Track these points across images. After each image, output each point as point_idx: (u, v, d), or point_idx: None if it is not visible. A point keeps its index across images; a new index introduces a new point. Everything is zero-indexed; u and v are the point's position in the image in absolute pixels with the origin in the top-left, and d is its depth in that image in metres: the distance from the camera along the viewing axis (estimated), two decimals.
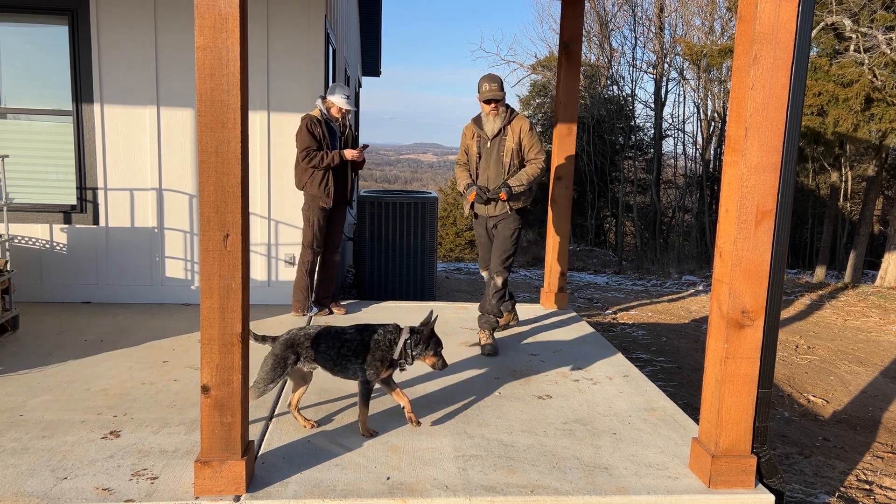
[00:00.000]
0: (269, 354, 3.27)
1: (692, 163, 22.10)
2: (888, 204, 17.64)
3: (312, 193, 5.30)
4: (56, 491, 2.69)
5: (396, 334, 3.34)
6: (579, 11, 5.87)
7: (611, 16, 22.08)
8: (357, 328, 3.35)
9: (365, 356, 3.28)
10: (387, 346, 3.31)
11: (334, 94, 5.25)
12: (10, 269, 4.91)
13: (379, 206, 7.58)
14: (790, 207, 2.85)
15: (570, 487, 2.87)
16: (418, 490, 2.80)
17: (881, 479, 3.88)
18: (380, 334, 3.32)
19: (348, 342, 3.30)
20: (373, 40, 13.88)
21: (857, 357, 6.44)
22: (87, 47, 5.59)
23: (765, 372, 2.91)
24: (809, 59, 5.32)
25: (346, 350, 3.28)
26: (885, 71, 10.75)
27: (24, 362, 4.23)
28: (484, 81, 4.60)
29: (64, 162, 5.79)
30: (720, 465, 2.90)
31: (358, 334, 3.31)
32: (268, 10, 5.69)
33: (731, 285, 2.80)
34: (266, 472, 2.91)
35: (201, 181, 2.58)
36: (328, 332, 3.34)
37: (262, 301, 5.92)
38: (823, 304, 9.01)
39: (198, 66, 2.52)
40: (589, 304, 8.78)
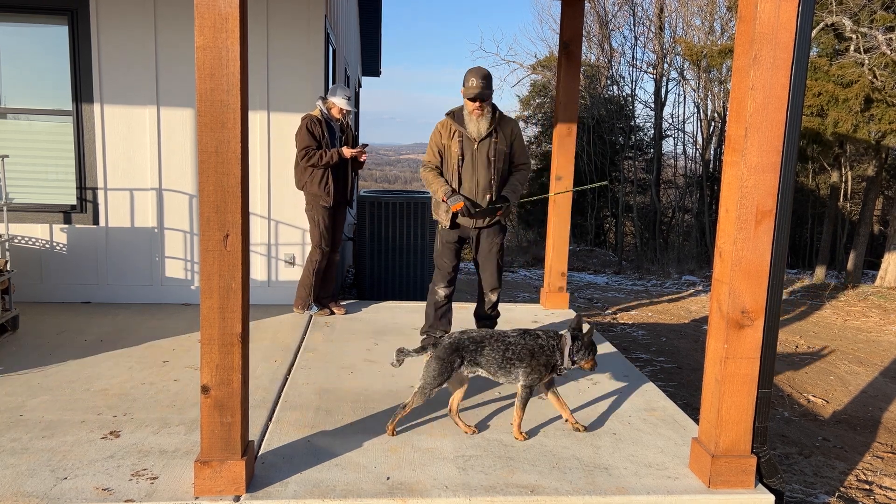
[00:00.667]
0: (433, 359, 3.29)
1: (692, 163, 22.09)
2: (888, 204, 17.64)
3: (313, 192, 5.31)
4: (56, 491, 2.69)
5: (558, 340, 3.39)
6: (579, 11, 5.86)
7: (611, 16, 22.08)
8: (519, 333, 3.40)
9: (529, 361, 3.32)
10: (550, 352, 3.35)
11: (335, 94, 5.27)
12: (10, 269, 4.91)
13: (379, 206, 7.58)
14: (790, 207, 2.85)
15: (570, 487, 2.87)
16: (418, 490, 2.80)
17: (881, 479, 3.88)
18: (544, 340, 3.37)
19: (513, 346, 3.33)
20: (373, 40, 13.87)
21: (857, 357, 6.44)
22: (86, 47, 5.58)
23: (765, 372, 2.91)
24: (809, 59, 5.32)
25: (510, 354, 3.32)
26: (885, 71, 10.75)
27: (24, 362, 4.23)
28: (472, 76, 4.09)
29: (64, 162, 5.79)
30: (720, 465, 2.90)
31: (521, 339, 3.36)
32: (268, 10, 5.69)
33: (731, 285, 2.80)
34: (266, 472, 2.91)
35: (201, 181, 2.58)
36: (492, 336, 3.39)
37: (262, 301, 5.92)
38: (823, 304, 9.01)
39: (198, 66, 2.52)
40: (589, 304, 8.78)
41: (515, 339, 3.35)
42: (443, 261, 4.44)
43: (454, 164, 4.23)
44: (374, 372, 4.27)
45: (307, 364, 4.38)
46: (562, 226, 6.05)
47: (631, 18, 23.01)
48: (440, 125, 4.28)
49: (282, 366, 4.32)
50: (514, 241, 22.14)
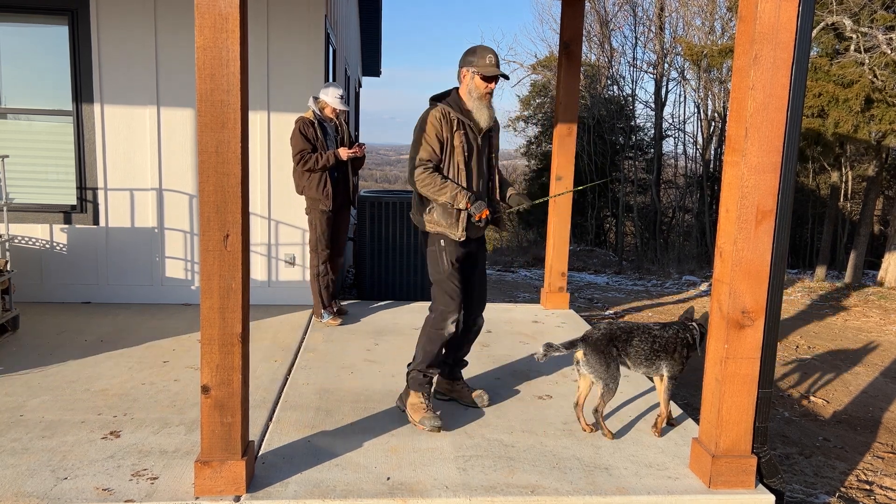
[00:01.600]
0: (594, 353, 3.36)
1: (692, 163, 22.09)
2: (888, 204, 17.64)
3: (312, 197, 5.15)
4: (56, 491, 2.69)
5: (690, 331, 3.50)
6: (579, 11, 5.86)
7: (611, 16, 22.08)
8: (660, 326, 3.50)
9: (673, 353, 3.40)
10: (686, 343, 3.45)
11: (327, 94, 5.11)
12: (10, 269, 4.91)
13: (379, 206, 7.58)
14: (790, 207, 2.85)
15: (570, 488, 2.87)
16: (418, 490, 2.80)
17: (881, 479, 3.88)
18: (683, 332, 3.48)
19: (659, 339, 3.41)
20: (373, 40, 13.88)
21: (857, 357, 6.44)
22: (87, 47, 5.58)
23: (765, 372, 2.91)
24: (810, 59, 5.32)
25: (658, 347, 3.39)
26: (885, 71, 10.74)
27: (24, 362, 4.23)
28: (486, 52, 3.41)
29: (64, 162, 5.79)
30: (720, 465, 2.90)
31: (665, 332, 3.45)
32: (268, 11, 5.69)
33: (732, 285, 2.80)
34: (266, 472, 2.91)
35: (201, 181, 2.58)
36: (639, 329, 3.47)
37: (262, 301, 5.92)
38: (823, 304, 9.00)
39: (198, 67, 2.52)
40: (589, 305, 8.78)
41: (660, 332, 3.45)
42: (453, 284, 3.49)
43: (460, 162, 3.45)
44: (374, 372, 4.27)
45: (307, 364, 4.38)
46: (562, 226, 6.05)
47: (631, 18, 23.03)
48: (438, 114, 3.40)
49: (282, 366, 4.32)
50: (514, 241, 22.15)
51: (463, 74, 3.47)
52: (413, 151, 3.45)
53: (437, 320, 3.48)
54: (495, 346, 4.94)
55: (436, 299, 3.52)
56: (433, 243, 3.53)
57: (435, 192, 3.39)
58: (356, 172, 5.65)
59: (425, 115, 3.44)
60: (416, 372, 3.50)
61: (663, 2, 20.71)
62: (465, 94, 3.48)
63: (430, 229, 3.52)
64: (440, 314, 3.48)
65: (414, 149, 3.44)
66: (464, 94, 3.48)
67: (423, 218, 3.54)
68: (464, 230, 3.48)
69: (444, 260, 3.50)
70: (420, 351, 3.51)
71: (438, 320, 3.48)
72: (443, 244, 3.50)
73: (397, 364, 4.43)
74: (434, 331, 3.48)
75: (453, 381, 3.84)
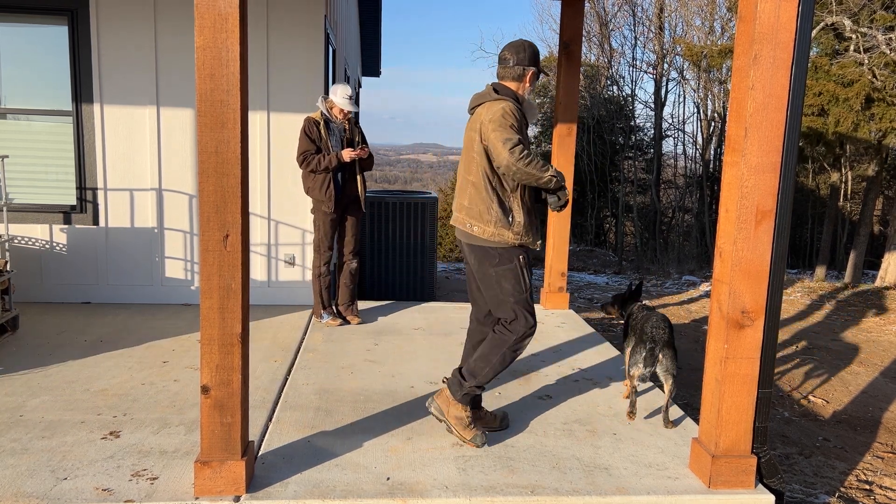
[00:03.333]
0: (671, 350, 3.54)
1: (692, 163, 22.10)
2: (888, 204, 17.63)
3: (316, 198, 5.10)
4: (56, 491, 2.69)
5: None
6: (579, 11, 5.86)
7: (611, 16, 22.08)
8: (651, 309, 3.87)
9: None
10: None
11: (335, 93, 5.08)
12: (10, 269, 4.91)
13: (379, 206, 7.58)
14: (790, 207, 2.85)
15: (570, 488, 2.87)
16: (418, 490, 2.80)
17: (881, 479, 3.88)
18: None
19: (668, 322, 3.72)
20: (373, 40, 13.89)
21: (857, 357, 6.44)
22: (86, 47, 5.58)
23: (765, 372, 2.91)
24: (809, 58, 5.32)
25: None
26: (885, 71, 10.75)
27: (24, 362, 4.23)
28: (534, 47, 3.33)
29: (64, 162, 5.79)
30: (720, 465, 2.90)
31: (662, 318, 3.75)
32: (268, 10, 5.69)
33: (731, 285, 2.80)
34: (266, 472, 2.91)
35: (201, 181, 2.58)
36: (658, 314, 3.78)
37: (262, 301, 5.92)
38: (823, 304, 9.00)
39: (198, 67, 2.52)
40: (589, 305, 8.78)
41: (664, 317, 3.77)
42: (532, 300, 3.30)
43: None
44: (374, 372, 4.27)
45: (307, 364, 4.38)
46: (562, 226, 6.05)
47: (631, 18, 23.02)
48: (512, 108, 3.12)
49: (282, 366, 4.32)
50: None
51: (530, 75, 3.27)
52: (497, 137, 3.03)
53: (517, 341, 3.22)
54: None
55: (514, 319, 3.21)
56: (512, 259, 3.20)
57: (540, 168, 3.03)
58: (363, 172, 5.42)
59: (500, 105, 3.12)
60: (475, 388, 3.26)
61: (663, 2, 20.72)
62: (522, 92, 3.29)
63: (513, 242, 3.17)
64: (520, 336, 3.21)
65: (499, 134, 3.03)
66: (521, 92, 3.28)
67: (507, 231, 3.15)
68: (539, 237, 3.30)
69: (525, 276, 3.24)
70: (489, 369, 3.23)
71: (517, 341, 3.22)
72: (523, 259, 3.22)
73: (397, 364, 4.43)
74: (511, 352, 3.24)
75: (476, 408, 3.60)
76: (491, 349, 3.24)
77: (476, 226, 3.16)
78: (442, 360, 4.57)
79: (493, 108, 3.13)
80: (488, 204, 3.14)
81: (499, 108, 3.11)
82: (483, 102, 3.22)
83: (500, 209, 3.14)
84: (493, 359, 3.22)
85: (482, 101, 3.23)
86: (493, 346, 3.24)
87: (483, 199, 3.15)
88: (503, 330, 3.23)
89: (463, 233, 3.25)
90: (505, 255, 3.18)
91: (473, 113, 3.29)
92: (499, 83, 3.29)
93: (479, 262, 3.24)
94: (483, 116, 3.13)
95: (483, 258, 3.21)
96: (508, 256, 3.18)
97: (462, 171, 3.27)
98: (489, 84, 3.30)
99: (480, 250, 3.20)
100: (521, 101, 3.24)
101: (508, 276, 3.19)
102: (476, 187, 3.16)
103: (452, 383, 3.28)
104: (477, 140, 3.15)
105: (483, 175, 3.14)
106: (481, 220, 3.15)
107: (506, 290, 3.20)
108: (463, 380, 3.25)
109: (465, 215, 3.21)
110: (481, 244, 3.19)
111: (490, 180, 3.14)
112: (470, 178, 3.19)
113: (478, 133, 3.15)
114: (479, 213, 3.15)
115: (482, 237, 3.16)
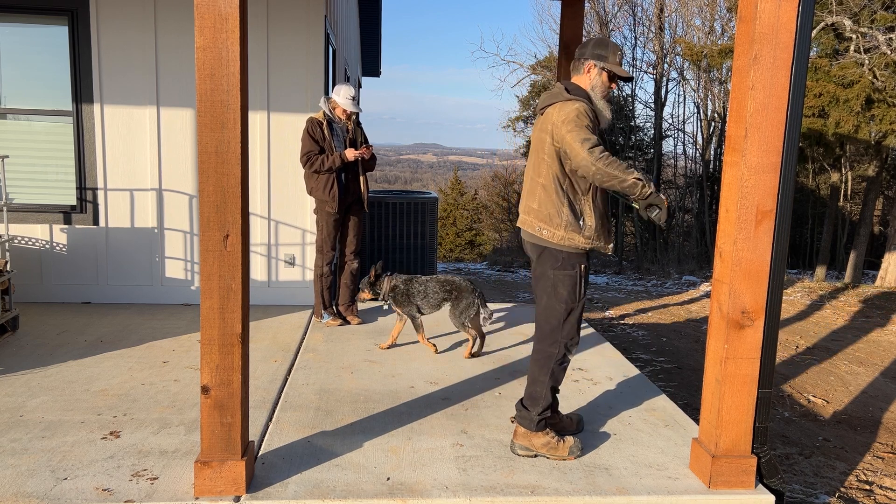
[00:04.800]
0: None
1: (692, 163, 22.11)
2: (888, 204, 17.63)
3: (319, 198, 5.11)
4: (56, 491, 2.69)
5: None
6: (579, 12, 5.86)
7: (611, 16, 22.09)
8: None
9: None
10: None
11: (338, 94, 5.05)
12: (10, 269, 4.91)
13: (379, 206, 7.58)
14: (790, 208, 2.85)
15: (570, 488, 2.87)
16: (418, 490, 2.80)
17: (881, 479, 3.88)
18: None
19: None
20: (373, 40, 13.89)
21: (857, 357, 6.44)
22: (87, 47, 5.59)
23: (765, 372, 2.91)
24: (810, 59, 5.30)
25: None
26: (885, 72, 10.75)
27: (24, 362, 4.23)
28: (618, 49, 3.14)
29: (64, 162, 5.79)
30: (720, 465, 2.90)
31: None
32: (268, 10, 5.69)
33: (732, 285, 2.80)
34: (266, 472, 2.91)
35: (201, 181, 2.58)
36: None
37: (262, 301, 5.92)
38: (823, 304, 9.00)
39: (198, 67, 2.52)
40: (589, 305, 8.78)
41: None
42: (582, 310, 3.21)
43: None
44: (374, 372, 4.27)
45: (307, 364, 4.38)
46: None
47: (631, 19, 23.02)
48: (585, 108, 2.98)
49: (282, 366, 4.32)
50: (514, 240, 22.15)
51: (588, 67, 3.09)
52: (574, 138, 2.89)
53: (561, 354, 3.12)
54: (495, 346, 4.94)
55: (558, 330, 3.10)
56: (573, 265, 3.07)
57: (622, 170, 2.88)
58: (365, 172, 5.42)
59: (573, 105, 2.98)
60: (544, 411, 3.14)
61: (663, 2, 20.72)
62: (589, 89, 3.10)
63: (584, 246, 3.05)
64: (564, 347, 3.12)
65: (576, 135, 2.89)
66: (588, 88, 3.10)
67: (577, 235, 3.03)
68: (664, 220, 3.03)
69: (582, 285, 3.12)
70: (545, 390, 3.12)
71: (562, 353, 3.13)
72: (584, 268, 3.10)
73: (397, 364, 4.43)
74: (558, 366, 3.14)
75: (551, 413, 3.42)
76: (539, 369, 3.14)
77: (546, 229, 3.05)
78: (442, 359, 4.57)
79: (565, 108, 2.99)
80: (559, 207, 3.01)
81: (572, 108, 2.97)
82: (554, 103, 3.07)
83: (571, 212, 3.02)
84: (544, 377, 3.12)
85: (553, 101, 3.08)
86: (539, 367, 3.14)
87: (553, 202, 3.02)
88: (545, 344, 3.13)
89: (530, 235, 3.13)
90: (568, 260, 3.06)
91: (543, 113, 3.14)
92: (570, 81, 3.15)
93: (541, 262, 3.12)
94: (554, 117, 3.00)
95: (546, 259, 3.09)
96: (571, 262, 3.07)
97: (530, 172, 3.14)
98: (559, 82, 3.18)
99: (546, 251, 3.09)
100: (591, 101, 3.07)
101: (566, 282, 3.07)
102: (546, 190, 3.04)
103: (522, 417, 3.16)
104: (548, 141, 3.02)
105: (554, 178, 3.02)
106: (551, 223, 3.03)
107: (560, 295, 3.07)
108: (528, 410, 3.14)
109: (533, 218, 3.09)
110: (549, 246, 3.08)
111: (561, 183, 3.02)
112: (539, 180, 3.07)
113: (548, 134, 3.02)
114: (549, 217, 3.04)
115: (552, 241, 3.04)
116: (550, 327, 3.11)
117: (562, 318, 3.09)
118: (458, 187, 31.35)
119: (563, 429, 3.37)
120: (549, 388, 3.13)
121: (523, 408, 3.17)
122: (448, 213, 29.18)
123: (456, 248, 28.07)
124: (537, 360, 3.16)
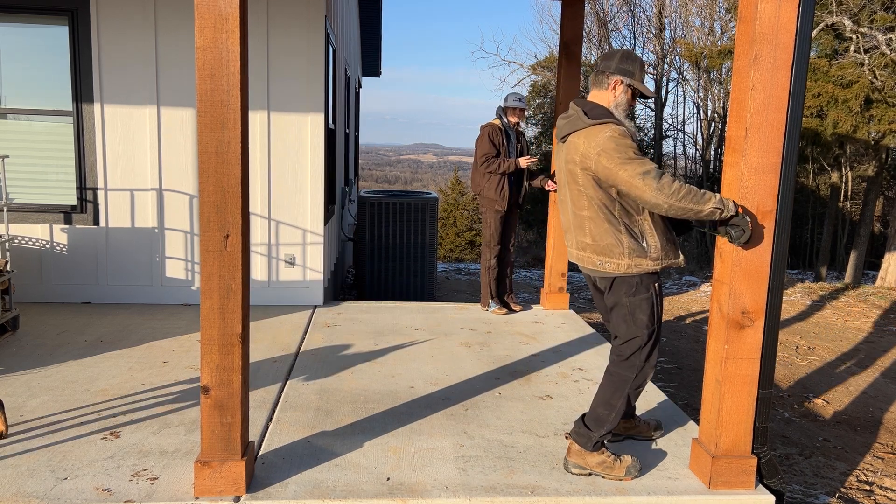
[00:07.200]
0: None
1: (692, 163, 22.11)
2: (888, 204, 17.64)
3: (489, 197, 5.65)
4: (56, 491, 2.69)
5: None
6: (579, 12, 5.87)
7: (611, 16, 22.10)
8: None
9: None
10: None
11: (506, 101, 5.73)
12: (10, 269, 4.91)
13: (379, 206, 7.58)
14: (790, 208, 2.85)
15: (569, 488, 2.87)
16: (418, 491, 2.80)
17: (881, 479, 3.88)
18: None
19: None
20: (373, 41, 13.89)
21: (857, 357, 6.44)
22: (87, 47, 5.59)
23: (765, 372, 2.91)
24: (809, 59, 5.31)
25: None
26: (884, 72, 10.75)
27: (24, 362, 4.23)
28: (643, 65, 3.00)
29: (64, 162, 5.79)
30: (720, 465, 2.90)
31: None
32: (268, 11, 5.69)
33: (732, 286, 2.80)
34: (266, 472, 2.91)
35: (201, 181, 2.58)
36: None
37: (262, 301, 5.92)
38: (823, 304, 9.00)
39: (198, 67, 2.52)
40: (589, 305, 8.78)
41: None
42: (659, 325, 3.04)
43: None
44: (374, 372, 4.27)
45: (307, 364, 4.38)
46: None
47: (631, 19, 23.02)
48: (617, 131, 2.77)
49: (282, 366, 4.32)
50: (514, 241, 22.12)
51: (615, 83, 2.90)
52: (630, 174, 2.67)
53: (640, 378, 2.97)
54: (495, 346, 4.94)
55: (639, 355, 2.94)
56: (647, 288, 2.91)
57: (698, 199, 2.66)
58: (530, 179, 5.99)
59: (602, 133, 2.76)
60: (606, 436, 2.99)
61: (663, 2, 20.73)
62: (611, 106, 2.92)
63: (653, 268, 2.88)
64: (643, 373, 2.97)
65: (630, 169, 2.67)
66: (610, 106, 2.92)
67: (644, 259, 2.86)
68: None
69: (658, 306, 2.96)
70: (614, 415, 2.96)
71: (642, 378, 2.98)
72: (658, 287, 2.94)
73: (397, 364, 4.44)
74: (634, 391, 2.99)
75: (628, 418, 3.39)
76: (613, 392, 2.97)
77: (608, 262, 2.85)
78: (442, 360, 4.57)
79: (594, 138, 2.77)
80: (616, 236, 2.82)
81: (604, 136, 2.74)
82: (576, 130, 2.86)
83: (631, 238, 2.83)
84: (617, 402, 2.96)
85: (575, 129, 2.87)
86: (614, 389, 2.97)
87: (608, 231, 2.83)
88: (622, 368, 2.97)
89: (592, 270, 2.96)
90: (641, 284, 2.90)
91: (565, 141, 2.95)
92: (586, 101, 2.96)
93: (613, 293, 2.94)
94: (583, 149, 2.79)
95: (618, 288, 2.92)
96: (646, 285, 2.90)
97: (570, 209, 2.96)
98: (575, 104, 2.95)
99: (616, 281, 2.91)
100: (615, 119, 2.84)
101: (644, 307, 2.91)
102: (595, 221, 2.85)
103: (580, 436, 2.99)
104: (579, 174, 2.83)
105: (600, 207, 2.82)
106: (612, 254, 2.84)
107: (640, 321, 2.91)
108: (590, 431, 2.97)
109: (591, 253, 2.90)
110: (617, 275, 2.90)
111: (611, 210, 2.82)
112: (584, 213, 2.87)
113: (577, 165, 2.83)
114: (609, 248, 2.84)
115: (618, 272, 2.86)
116: (631, 352, 2.95)
117: (643, 344, 2.93)
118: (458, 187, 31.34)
119: (640, 433, 3.33)
120: (619, 413, 2.97)
121: (585, 427, 3.00)
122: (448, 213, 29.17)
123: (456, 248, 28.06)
124: (613, 384, 2.97)
